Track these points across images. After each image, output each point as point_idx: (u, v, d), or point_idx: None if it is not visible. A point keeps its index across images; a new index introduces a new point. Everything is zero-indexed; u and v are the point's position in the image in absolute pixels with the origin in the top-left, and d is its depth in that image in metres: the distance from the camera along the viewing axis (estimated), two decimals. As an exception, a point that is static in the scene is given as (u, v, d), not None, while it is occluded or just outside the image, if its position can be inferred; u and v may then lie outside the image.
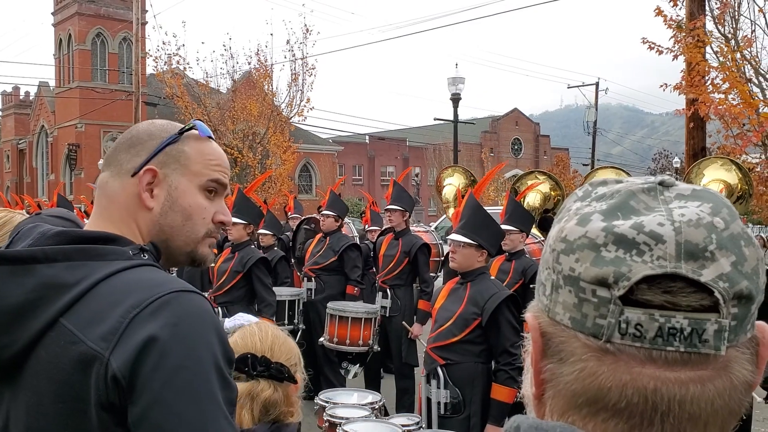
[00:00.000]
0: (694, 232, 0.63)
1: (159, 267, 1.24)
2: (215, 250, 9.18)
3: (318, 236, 7.44)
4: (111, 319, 1.10)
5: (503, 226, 5.62)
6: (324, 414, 3.52)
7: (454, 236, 4.04)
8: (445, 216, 16.15)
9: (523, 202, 8.66)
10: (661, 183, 0.69)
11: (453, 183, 9.64)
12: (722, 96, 9.54)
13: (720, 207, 0.66)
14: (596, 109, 35.66)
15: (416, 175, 47.72)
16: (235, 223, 5.87)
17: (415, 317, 6.66)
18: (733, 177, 7.41)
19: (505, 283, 5.33)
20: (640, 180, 0.70)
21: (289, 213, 10.20)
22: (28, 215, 2.40)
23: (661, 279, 0.63)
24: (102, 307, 1.11)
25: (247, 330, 2.01)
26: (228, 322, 3.67)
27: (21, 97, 48.23)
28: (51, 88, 43.02)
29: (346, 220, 8.37)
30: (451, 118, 24.59)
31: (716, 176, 7.55)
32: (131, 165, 1.30)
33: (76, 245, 1.18)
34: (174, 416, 1.07)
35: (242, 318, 3.75)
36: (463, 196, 7.58)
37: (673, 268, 0.63)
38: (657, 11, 10.01)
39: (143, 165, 1.29)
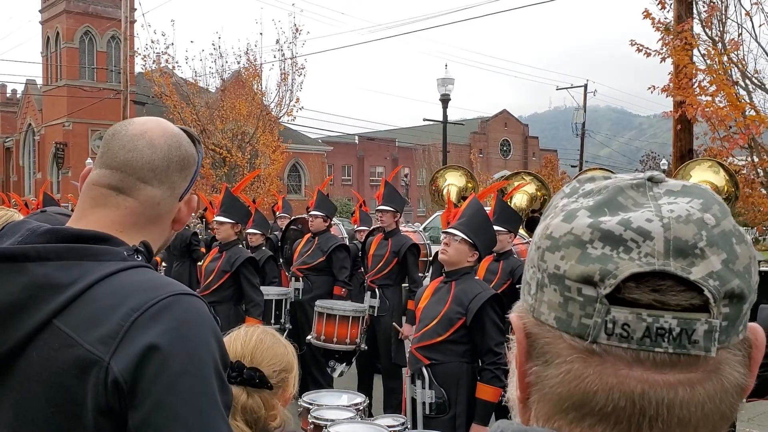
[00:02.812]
0: (683, 228, 0.61)
1: (152, 268, 1.22)
2: (203, 249, 9.16)
3: (307, 236, 7.42)
4: (110, 322, 1.08)
5: (491, 227, 5.64)
6: (309, 416, 3.50)
7: (451, 229, 4.03)
8: (436, 215, 16.12)
9: (510, 203, 8.68)
10: (650, 179, 0.67)
11: (454, 183, 9.64)
12: (709, 98, 9.61)
13: (711, 203, 0.64)
14: (585, 111, 35.80)
15: (405, 176, 47.73)
16: (222, 223, 5.85)
17: (404, 317, 6.65)
18: (720, 179, 7.47)
19: (493, 283, 5.33)
20: (629, 176, 0.68)
21: (278, 213, 10.17)
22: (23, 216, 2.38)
23: (649, 277, 0.61)
24: (99, 309, 1.09)
25: (233, 335, 2.01)
26: None
27: (8, 95, 47.90)
28: (38, 86, 42.72)
29: (336, 220, 8.36)
30: (440, 118, 24.60)
31: (703, 178, 7.61)
32: (180, 189, 1.33)
33: (69, 244, 1.15)
34: (176, 421, 1.06)
35: None
36: (454, 200, 7.58)
37: (661, 266, 0.61)
38: (645, 14, 10.07)
39: (188, 190, 1.35)
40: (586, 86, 36.48)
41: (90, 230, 1.21)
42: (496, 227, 5.63)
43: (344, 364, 6.15)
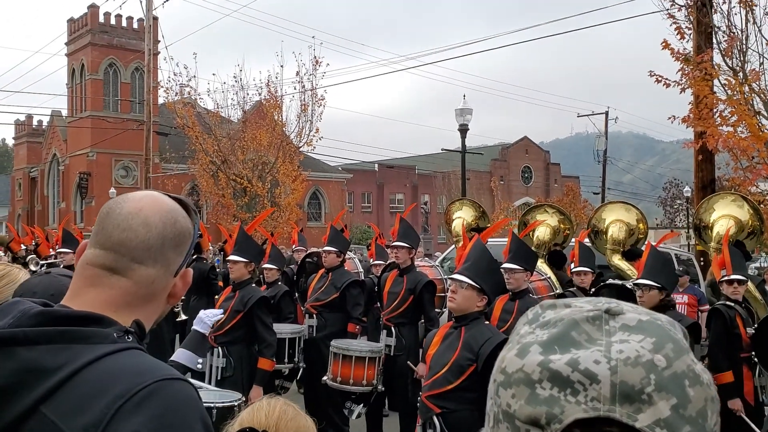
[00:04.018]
0: (631, 371, 0.60)
1: (143, 349, 1.21)
2: (221, 283, 9.14)
3: (321, 272, 7.36)
4: (94, 409, 1.06)
5: (507, 265, 5.55)
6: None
7: (457, 276, 3.97)
8: (453, 246, 16.02)
9: (533, 235, 8.58)
10: (607, 311, 0.65)
11: (462, 216, 9.59)
12: (731, 129, 9.47)
13: (664, 342, 0.62)
14: (606, 138, 35.64)
15: (425, 203, 47.70)
16: (236, 262, 5.81)
17: (420, 356, 6.54)
18: (744, 213, 7.32)
19: (508, 324, 5.22)
20: (588, 306, 0.67)
21: (294, 246, 10.15)
22: (31, 272, 2.37)
23: (594, 422, 0.60)
24: (85, 396, 1.08)
25: (256, 405, 2.01)
26: (199, 327, 3.60)
27: (34, 126, 48.80)
28: (63, 117, 43.51)
29: (350, 254, 8.29)
30: (459, 146, 24.58)
31: (727, 212, 7.46)
32: (176, 265, 1.31)
33: (58, 327, 1.14)
34: None
35: (206, 316, 3.68)
36: (468, 232, 7.51)
37: (606, 412, 0.59)
38: (664, 44, 9.99)
39: (183, 265, 1.33)
40: (607, 113, 36.39)
41: (82, 311, 1.19)
42: (511, 265, 5.57)
43: (361, 405, 6.05)
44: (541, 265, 7.63)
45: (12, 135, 52.70)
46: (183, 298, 9.82)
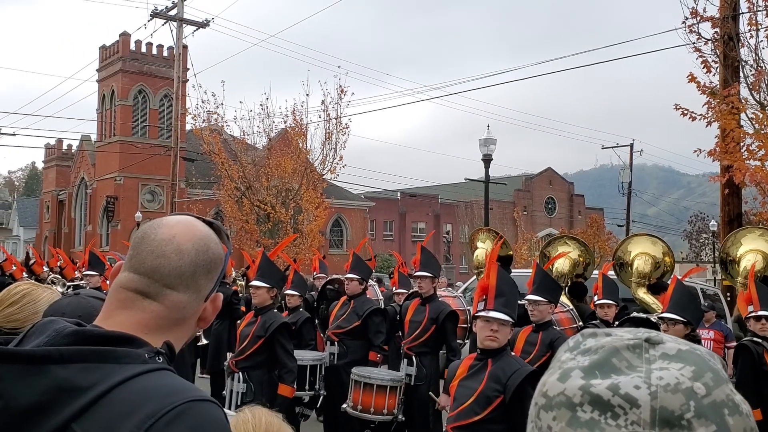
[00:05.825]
0: (670, 397, 0.61)
1: (173, 370, 1.23)
2: (243, 308, 9.16)
3: (342, 299, 7.37)
4: (125, 429, 1.08)
5: (531, 297, 5.51)
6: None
7: (499, 315, 3.93)
8: (475, 277, 15.94)
9: (552, 268, 8.52)
10: (647, 340, 0.67)
11: (485, 247, 9.56)
12: (758, 163, 9.38)
13: (704, 371, 0.63)
14: (631, 171, 35.40)
15: (447, 233, 47.59)
16: (258, 287, 5.85)
17: (441, 386, 6.49)
18: (771, 248, 7.22)
19: (531, 355, 5.18)
20: (628, 335, 0.69)
21: (315, 273, 10.17)
22: (60, 292, 2.39)
23: None
24: (115, 415, 1.09)
25: (240, 417, 2.00)
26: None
27: (63, 150, 49.68)
28: (93, 141, 44.26)
29: (370, 281, 8.29)
30: (483, 176, 24.57)
31: (754, 246, 7.37)
32: (206, 291, 1.34)
33: (92, 347, 1.16)
34: None
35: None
36: (481, 262, 7.46)
37: None
38: (690, 77, 9.96)
39: (214, 290, 1.36)
40: (632, 145, 36.20)
41: (115, 331, 1.22)
42: (536, 297, 5.53)
43: (380, 435, 6.00)
44: (562, 297, 7.57)
45: (42, 158, 53.73)
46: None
